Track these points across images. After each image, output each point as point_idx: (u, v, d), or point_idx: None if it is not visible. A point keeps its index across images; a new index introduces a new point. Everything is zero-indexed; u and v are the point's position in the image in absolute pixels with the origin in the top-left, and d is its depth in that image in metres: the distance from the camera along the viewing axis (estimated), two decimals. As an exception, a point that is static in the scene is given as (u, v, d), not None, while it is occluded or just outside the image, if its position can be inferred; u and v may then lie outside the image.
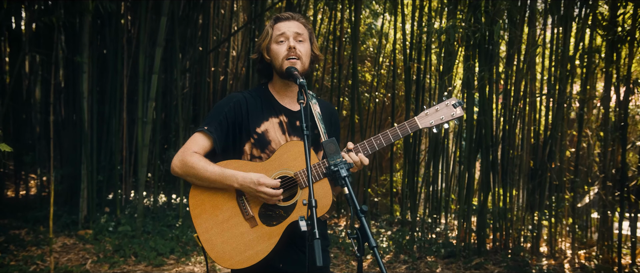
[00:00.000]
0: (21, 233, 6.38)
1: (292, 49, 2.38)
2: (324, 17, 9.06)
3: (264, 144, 2.41)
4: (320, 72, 9.48)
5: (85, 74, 6.54)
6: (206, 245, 2.30)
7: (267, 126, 2.43)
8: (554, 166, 6.35)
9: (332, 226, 7.98)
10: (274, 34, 2.43)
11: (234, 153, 2.43)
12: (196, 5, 8.01)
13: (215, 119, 2.41)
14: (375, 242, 1.86)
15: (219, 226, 2.32)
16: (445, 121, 2.37)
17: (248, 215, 2.32)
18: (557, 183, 6.34)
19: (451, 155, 7.84)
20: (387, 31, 9.06)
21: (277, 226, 2.30)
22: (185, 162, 2.34)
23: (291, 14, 2.47)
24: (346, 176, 1.98)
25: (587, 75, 6.33)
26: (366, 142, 2.34)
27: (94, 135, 6.96)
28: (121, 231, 6.35)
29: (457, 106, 2.36)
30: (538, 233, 6.54)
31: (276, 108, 2.47)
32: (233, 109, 2.42)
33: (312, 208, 1.93)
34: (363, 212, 1.90)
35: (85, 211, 6.78)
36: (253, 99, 2.47)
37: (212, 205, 2.34)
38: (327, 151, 2.05)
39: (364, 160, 2.32)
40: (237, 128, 2.43)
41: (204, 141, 2.39)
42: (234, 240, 2.30)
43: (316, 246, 1.87)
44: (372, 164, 9.19)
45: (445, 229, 7.46)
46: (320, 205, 2.28)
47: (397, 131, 2.35)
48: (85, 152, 6.64)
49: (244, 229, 2.31)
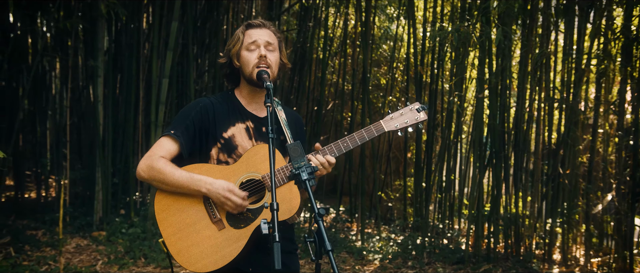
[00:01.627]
0: (38, 234, 6.54)
1: (263, 58, 2.41)
2: (339, 21, 9.08)
3: (231, 149, 2.42)
4: (335, 76, 9.50)
5: (100, 78, 6.68)
6: (172, 249, 2.30)
7: (234, 131, 2.45)
8: (567, 171, 6.22)
9: (344, 230, 7.97)
10: (246, 41, 2.45)
11: (200, 158, 2.45)
12: (213, 9, 8.10)
13: (182, 124, 2.42)
14: (331, 245, 1.86)
15: (185, 230, 2.32)
16: (410, 125, 2.45)
17: (215, 218, 2.32)
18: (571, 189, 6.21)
19: (464, 160, 7.75)
20: (401, 35, 9.02)
21: (245, 228, 2.31)
22: (152, 167, 2.34)
23: (263, 22, 2.50)
24: (307, 179, 1.99)
25: (600, 78, 6.18)
26: (333, 144, 2.37)
27: (109, 138, 7.09)
28: (132, 233, 6.45)
29: (421, 110, 2.45)
30: (551, 239, 6.41)
31: (243, 114, 2.49)
32: (200, 114, 2.44)
33: (273, 211, 1.94)
34: (320, 216, 1.90)
35: (100, 213, 6.91)
36: (220, 104, 2.49)
37: (177, 209, 2.34)
38: (291, 154, 2.07)
39: (331, 160, 2.34)
40: (203, 133, 2.44)
41: (171, 145, 2.40)
42: (201, 243, 2.30)
43: (275, 249, 1.87)
44: (387, 168, 9.15)
45: (457, 235, 7.38)
46: (286, 207, 2.29)
47: (363, 134, 2.40)
48: (100, 155, 6.78)
49: (211, 232, 2.31)
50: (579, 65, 6.10)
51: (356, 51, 8.06)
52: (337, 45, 9.20)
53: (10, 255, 5.76)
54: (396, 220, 8.52)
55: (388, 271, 6.13)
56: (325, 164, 2.31)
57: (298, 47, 8.30)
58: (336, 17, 9.09)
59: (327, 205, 9.18)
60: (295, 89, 8.58)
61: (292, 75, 8.58)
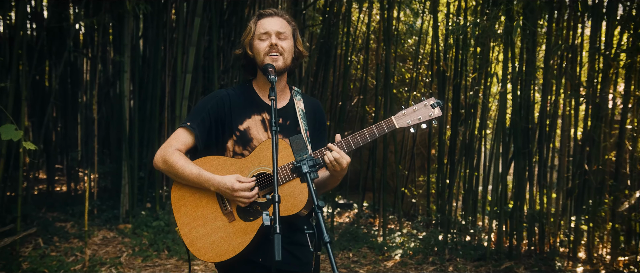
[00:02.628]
0: (66, 226, 6.72)
1: (274, 46, 2.41)
2: (363, 16, 9.06)
3: (246, 141, 2.44)
4: (360, 72, 9.48)
5: (126, 74, 6.82)
6: (186, 238, 2.37)
7: (250, 124, 2.46)
8: (594, 168, 6.09)
9: (366, 225, 7.97)
10: (257, 30, 2.46)
11: (216, 149, 2.48)
12: (238, 4, 8.15)
13: (198, 116, 2.45)
14: (330, 237, 1.87)
15: (198, 220, 2.38)
16: (423, 122, 2.34)
17: (226, 210, 2.37)
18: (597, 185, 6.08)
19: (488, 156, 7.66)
20: (426, 30, 8.95)
21: (254, 221, 2.34)
22: (166, 160, 2.40)
23: (275, 11, 2.50)
24: (308, 172, 2.00)
25: (629, 73, 6.03)
26: (343, 140, 2.35)
27: (135, 133, 7.23)
28: (156, 226, 6.57)
29: (436, 106, 2.33)
30: (576, 237, 6.29)
31: (259, 106, 2.51)
32: (216, 106, 2.46)
33: (275, 204, 1.96)
34: (319, 208, 1.92)
35: (127, 206, 7.06)
36: (236, 96, 2.51)
37: (192, 200, 2.41)
38: (293, 147, 2.08)
39: (338, 157, 2.27)
40: (219, 125, 2.47)
41: (187, 137, 2.44)
42: (212, 234, 2.36)
43: (276, 241, 1.90)
44: (412, 164, 9.10)
45: (480, 231, 7.30)
46: (293, 202, 2.29)
47: (373, 130, 2.34)
48: (126, 150, 6.92)
49: (222, 223, 2.36)
50: (606, 59, 5.96)
51: (380, 46, 8.03)
52: (362, 40, 9.17)
53: (39, 245, 5.95)
54: (419, 216, 8.47)
55: (408, 267, 6.12)
56: (334, 162, 2.27)
57: (322, 43, 8.31)
58: (360, 12, 9.07)
59: (350, 201, 9.19)
60: (320, 85, 8.60)
61: (316, 70, 8.61)
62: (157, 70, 7.31)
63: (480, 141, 7.30)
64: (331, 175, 2.39)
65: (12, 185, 6.86)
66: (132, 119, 7.22)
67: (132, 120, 7.22)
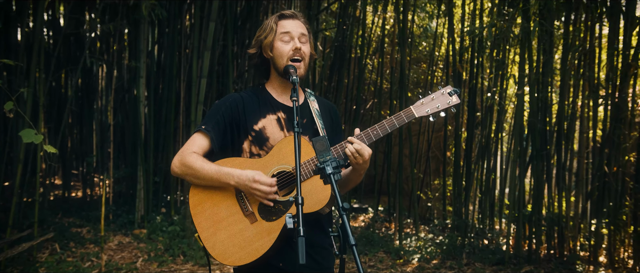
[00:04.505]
0: (82, 231, 6.74)
1: (298, 50, 2.40)
2: (377, 19, 9.03)
3: (262, 141, 2.42)
4: (374, 75, 9.45)
5: (142, 79, 6.84)
6: (207, 243, 2.32)
7: (265, 123, 2.45)
8: (614, 170, 5.99)
9: (382, 230, 7.91)
10: (279, 31, 2.42)
11: (232, 152, 2.46)
12: (253, 9, 8.17)
13: (212, 119, 2.44)
14: (355, 240, 1.83)
15: (219, 224, 2.34)
16: (442, 110, 2.34)
17: (247, 211, 2.33)
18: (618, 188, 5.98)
19: (505, 159, 7.58)
20: (441, 32, 8.89)
21: (277, 221, 2.30)
22: (184, 162, 2.38)
23: (294, 12, 2.48)
24: (332, 173, 1.97)
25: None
26: (363, 133, 2.32)
27: (150, 138, 7.24)
28: (172, 231, 6.57)
29: (453, 94, 2.33)
30: (596, 241, 6.19)
31: (273, 105, 2.49)
32: (230, 108, 2.45)
33: (298, 205, 1.92)
34: (345, 210, 1.88)
35: (142, 211, 7.07)
36: (250, 97, 2.49)
37: (211, 204, 2.37)
38: (316, 148, 2.05)
39: (360, 149, 2.25)
40: (234, 127, 2.45)
41: (202, 140, 2.42)
42: (234, 236, 2.32)
43: (300, 243, 1.86)
44: (427, 167, 9.03)
45: (497, 235, 7.22)
46: (316, 199, 2.26)
47: (393, 121, 2.33)
48: (141, 155, 6.94)
49: (244, 225, 2.33)
50: (625, 59, 5.87)
51: (394, 49, 7.99)
52: (376, 44, 9.14)
53: (55, 251, 5.96)
54: (435, 220, 8.39)
55: (426, 271, 6.05)
56: (355, 154, 2.24)
57: (336, 46, 8.29)
58: (374, 16, 9.04)
59: (365, 205, 9.14)
60: (334, 88, 8.57)
61: (330, 74, 8.58)
62: (172, 75, 7.32)
63: (496, 144, 7.22)
64: (353, 169, 2.37)
65: (29, 191, 6.90)
66: (148, 124, 7.24)
67: (147, 125, 7.23)
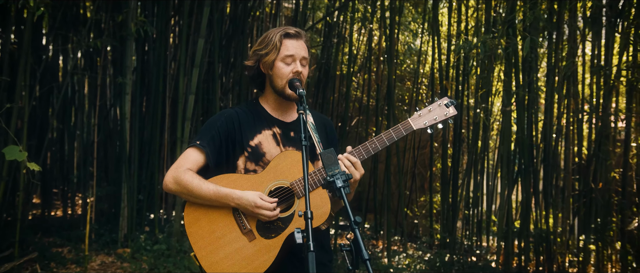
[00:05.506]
0: (63, 251, 6.57)
1: (298, 74, 2.38)
2: (362, 37, 9.07)
3: (258, 157, 2.38)
4: (359, 92, 9.47)
5: (128, 96, 6.75)
6: (204, 262, 2.26)
7: (261, 139, 2.41)
8: (600, 186, 6.05)
9: (369, 247, 7.86)
10: (283, 52, 2.38)
11: (227, 168, 2.40)
12: (239, 27, 8.16)
13: (207, 134, 2.39)
14: (368, 254, 1.80)
15: (216, 243, 2.28)
16: (439, 122, 2.35)
17: (245, 229, 2.28)
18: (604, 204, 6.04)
19: (491, 175, 7.61)
20: (425, 50, 8.98)
21: (276, 238, 2.26)
22: (179, 180, 2.31)
23: (298, 31, 2.44)
24: (342, 187, 1.93)
25: (632, 89, 6.04)
26: (361, 146, 2.31)
27: (135, 155, 7.13)
28: (157, 250, 6.44)
29: (450, 105, 2.35)
30: (585, 257, 6.23)
31: (269, 120, 2.46)
32: (225, 123, 2.41)
33: (307, 220, 1.88)
34: (356, 224, 1.85)
35: (125, 230, 6.92)
36: (245, 113, 2.46)
37: (208, 221, 2.30)
38: (325, 161, 2.01)
39: (358, 167, 2.28)
40: (230, 143, 2.40)
41: (197, 156, 2.37)
42: (232, 255, 2.25)
43: (310, 259, 1.82)
44: (412, 185, 9.04)
45: (485, 252, 7.22)
46: (317, 214, 2.22)
47: (391, 134, 2.32)
48: (126, 172, 6.81)
49: (242, 244, 2.27)
50: (607, 77, 5.97)
51: (380, 66, 8.03)
52: (361, 61, 9.18)
53: (36, 271, 5.78)
54: (422, 237, 8.38)
55: (416, 289, 6.02)
56: (351, 168, 2.25)
57: (322, 64, 8.30)
58: (360, 34, 9.09)
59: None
60: (319, 105, 8.56)
61: (316, 91, 8.57)
62: (158, 92, 7.24)
63: (483, 161, 7.26)
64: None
65: (8, 210, 6.71)
66: (132, 141, 7.13)
67: (132, 142, 7.12)
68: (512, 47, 5.28)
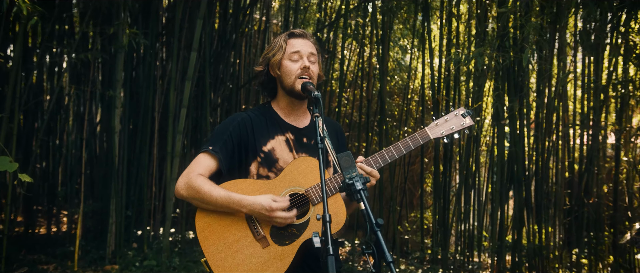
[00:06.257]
0: (49, 269, 6.40)
1: (306, 69, 2.36)
2: (351, 54, 9.12)
3: (271, 163, 2.34)
4: (349, 108, 9.47)
5: (118, 110, 6.66)
6: (215, 269, 2.20)
7: (274, 145, 2.37)
8: (591, 201, 6.09)
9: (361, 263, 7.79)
10: (288, 50, 2.39)
11: (239, 174, 2.36)
12: (228, 43, 8.15)
13: (219, 140, 2.35)
14: (392, 257, 1.76)
15: (228, 249, 2.22)
16: (456, 131, 2.35)
17: (259, 236, 2.23)
18: (596, 219, 6.07)
19: (483, 190, 7.63)
20: (415, 66, 9.03)
21: (290, 245, 2.21)
22: (191, 185, 2.26)
23: (303, 31, 2.45)
24: (362, 189, 1.90)
25: (621, 105, 6.12)
26: (378, 154, 2.28)
27: (123, 170, 7.02)
28: (147, 266, 6.31)
29: (467, 115, 2.35)
30: (577, 271, 6.23)
31: (282, 126, 2.42)
32: (238, 128, 2.37)
33: (326, 223, 1.84)
34: (379, 226, 1.81)
35: (113, 246, 6.77)
36: (257, 118, 2.42)
37: (220, 227, 2.25)
38: (342, 164, 1.98)
39: (375, 174, 2.25)
40: (242, 148, 2.36)
41: (209, 161, 2.33)
42: (245, 262, 2.20)
43: (330, 263, 1.78)
44: (403, 201, 9.02)
45: (477, 267, 7.20)
46: (334, 221, 2.19)
47: (408, 142, 2.31)
48: (115, 187, 6.69)
49: (256, 250, 2.22)
50: (597, 92, 6.05)
51: (370, 82, 8.05)
52: (352, 77, 9.20)
53: (23, 288, 5.63)
54: (413, 253, 8.34)
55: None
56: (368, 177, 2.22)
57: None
58: (350, 50, 9.13)
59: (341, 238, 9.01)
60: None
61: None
62: (148, 106, 7.16)
63: (474, 176, 7.27)
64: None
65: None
66: (121, 155, 7.02)
67: (121, 156, 7.01)
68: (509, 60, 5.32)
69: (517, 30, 5.68)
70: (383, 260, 1.78)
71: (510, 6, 5.42)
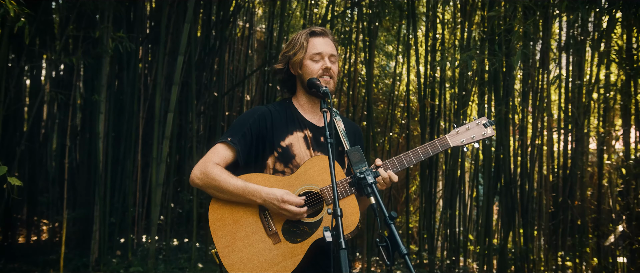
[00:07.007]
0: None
1: (328, 70, 2.37)
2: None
3: (288, 159, 2.34)
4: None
5: (102, 115, 6.56)
6: (225, 261, 2.20)
7: (292, 140, 2.37)
8: (575, 204, 6.18)
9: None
10: (310, 50, 2.39)
11: (255, 167, 2.36)
12: (212, 50, 8.11)
13: (239, 131, 2.35)
14: (407, 249, 1.76)
15: (239, 242, 2.22)
16: (476, 141, 2.35)
17: (271, 231, 2.22)
18: (580, 221, 6.16)
19: (468, 194, 7.69)
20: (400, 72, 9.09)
21: (302, 243, 2.20)
22: (207, 173, 2.26)
23: (324, 30, 2.46)
24: (373, 183, 1.90)
25: (604, 110, 6.24)
26: (395, 159, 2.28)
27: (107, 177, 6.91)
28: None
29: (488, 125, 2.35)
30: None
31: (301, 122, 2.42)
32: (257, 121, 2.37)
33: (337, 217, 1.84)
34: (392, 219, 1.81)
35: (97, 254, 6.65)
36: (277, 112, 2.42)
37: (232, 220, 2.25)
38: (351, 159, 1.98)
39: (393, 177, 2.24)
40: (260, 141, 2.36)
41: (227, 152, 2.33)
42: (255, 257, 2.19)
43: (342, 256, 1.77)
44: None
45: (465, 271, 7.24)
46: (347, 222, 2.18)
47: (427, 149, 2.30)
48: (98, 194, 6.59)
49: (266, 246, 2.21)
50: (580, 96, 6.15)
51: (356, 88, 8.08)
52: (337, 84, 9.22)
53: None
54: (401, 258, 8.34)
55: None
56: (387, 180, 2.22)
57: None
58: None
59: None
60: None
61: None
62: (133, 111, 7.08)
63: (461, 180, 7.33)
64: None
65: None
66: (105, 162, 6.91)
67: (105, 163, 6.90)
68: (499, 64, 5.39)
69: (502, 36, 5.75)
70: (397, 253, 1.77)
71: (501, 11, 5.49)
